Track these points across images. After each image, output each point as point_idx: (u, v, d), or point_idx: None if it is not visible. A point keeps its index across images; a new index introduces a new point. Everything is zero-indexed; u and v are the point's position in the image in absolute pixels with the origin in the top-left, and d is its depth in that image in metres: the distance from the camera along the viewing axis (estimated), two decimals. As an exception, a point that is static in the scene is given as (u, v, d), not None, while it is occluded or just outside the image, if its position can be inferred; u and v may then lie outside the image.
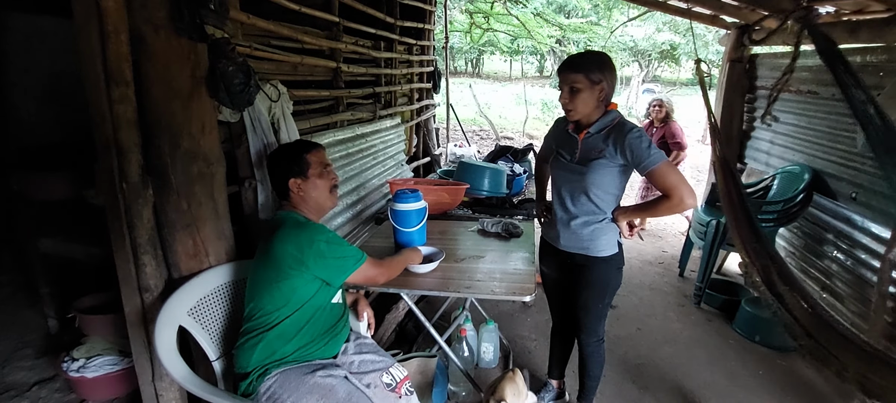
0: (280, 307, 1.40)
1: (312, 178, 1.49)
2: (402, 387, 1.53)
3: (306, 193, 1.49)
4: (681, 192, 1.55)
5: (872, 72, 2.52)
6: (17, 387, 2.20)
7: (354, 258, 1.46)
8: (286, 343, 1.41)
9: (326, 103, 2.58)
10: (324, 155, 1.56)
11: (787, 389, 2.36)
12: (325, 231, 1.44)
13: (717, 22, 3.54)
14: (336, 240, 1.45)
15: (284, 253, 1.37)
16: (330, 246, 1.41)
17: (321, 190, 1.51)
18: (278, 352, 1.40)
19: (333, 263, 1.42)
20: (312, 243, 1.38)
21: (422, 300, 2.99)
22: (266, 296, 1.40)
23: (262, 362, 1.39)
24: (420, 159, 4.26)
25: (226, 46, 1.52)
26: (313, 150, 1.52)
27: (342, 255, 1.44)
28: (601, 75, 1.59)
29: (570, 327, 2.04)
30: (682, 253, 3.71)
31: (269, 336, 1.40)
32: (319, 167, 1.51)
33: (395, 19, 3.35)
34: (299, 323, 1.42)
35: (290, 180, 1.47)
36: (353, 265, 1.46)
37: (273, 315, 1.40)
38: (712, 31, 9.98)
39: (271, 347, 1.40)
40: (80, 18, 1.35)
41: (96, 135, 1.44)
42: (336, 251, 1.43)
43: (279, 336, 1.40)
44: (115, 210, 1.49)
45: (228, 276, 1.65)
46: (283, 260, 1.37)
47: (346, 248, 1.46)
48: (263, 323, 1.40)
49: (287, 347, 1.41)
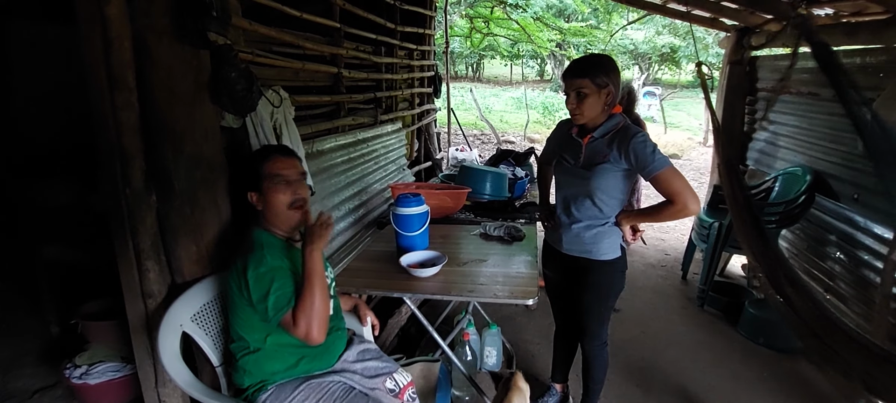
0: (250, 332, 1.35)
1: (266, 192, 1.35)
2: (405, 393, 1.52)
3: (265, 207, 1.36)
4: (685, 198, 1.55)
5: (871, 74, 2.52)
6: (19, 394, 2.19)
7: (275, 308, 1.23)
8: (275, 361, 1.37)
9: (328, 108, 2.59)
10: (284, 163, 1.38)
11: (792, 391, 2.34)
12: (263, 262, 1.25)
13: (716, 24, 3.56)
14: (266, 279, 1.24)
15: (231, 280, 1.32)
16: (256, 284, 1.24)
17: (276, 205, 1.35)
18: (270, 370, 1.38)
19: (256, 303, 1.25)
20: (245, 273, 1.26)
21: (424, 304, 2.99)
22: (236, 322, 1.36)
23: (256, 380, 1.38)
24: (421, 164, 4.27)
25: (228, 53, 1.53)
26: (271, 158, 1.37)
27: (263, 296, 1.23)
28: (607, 79, 1.58)
29: (573, 330, 2.03)
30: (684, 256, 3.70)
31: (256, 358, 1.36)
32: (273, 179, 1.34)
33: (395, 25, 3.37)
34: (280, 343, 1.36)
35: (249, 194, 1.36)
36: (273, 316, 1.24)
37: (250, 340, 1.36)
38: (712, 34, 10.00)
39: (261, 366, 1.37)
40: (83, 25, 1.36)
41: (99, 142, 1.45)
42: (259, 290, 1.24)
43: (266, 357, 1.36)
44: (119, 216, 1.49)
45: (231, 282, 1.64)
46: (231, 289, 1.32)
47: (273, 294, 1.23)
48: (245, 348, 1.37)
49: (277, 365, 1.38)
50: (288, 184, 1.37)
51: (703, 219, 3.26)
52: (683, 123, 13.14)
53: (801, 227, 3.01)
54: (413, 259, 1.86)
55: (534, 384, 2.36)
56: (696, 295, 3.25)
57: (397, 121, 3.49)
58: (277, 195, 1.35)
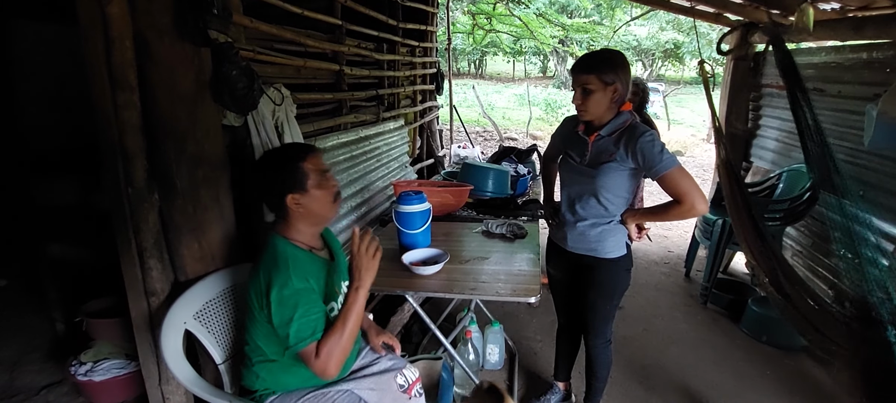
0: (268, 344, 1.31)
1: (311, 190, 1.28)
2: (413, 389, 1.52)
3: (306, 208, 1.28)
4: (693, 198, 1.52)
5: (878, 69, 2.50)
6: (25, 391, 2.21)
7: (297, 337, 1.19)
8: (289, 373, 1.36)
9: (330, 106, 2.58)
10: (321, 159, 1.33)
11: (795, 389, 2.34)
12: (288, 283, 1.20)
13: (720, 20, 3.52)
14: (289, 303, 1.19)
15: (252, 291, 1.27)
16: (278, 307, 1.19)
17: (323, 202, 1.30)
18: (282, 380, 1.37)
19: (277, 326, 1.20)
20: (269, 291, 1.20)
21: (427, 302, 2.99)
22: (254, 331, 1.33)
23: (266, 386, 1.37)
24: (424, 161, 4.26)
25: (229, 51, 1.53)
26: (308, 156, 1.30)
27: (285, 322, 1.19)
28: (614, 76, 1.54)
29: (576, 328, 2.03)
30: (687, 253, 3.69)
31: (271, 366, 1.35)
32: (317, 176, 1.29)
33: (397, 22, 3.36)
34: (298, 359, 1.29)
35: (288, 197, 1.26)
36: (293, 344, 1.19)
37: (267, 350, 1.33)
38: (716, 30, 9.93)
39: (274, 375, 1.36)
40: (85, 25, 1.36)
41: (102, 141, 1.46)
42: (281, 314, 1.19)
43: (281, 368, 1.35)
44: (121, 214, 1.50)
45: (234, 280, 1.65)
46: (252, 300, 1.28)
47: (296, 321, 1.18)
48: (261, 356, 1.35)
49: (290, 378, 1.37)
50: (328, 177, 1.33)
51: (707, 217, 3.24)
52: (687, 120, 13.08)
53: (805, 224, 3.00)
54: (415, 256, 1.86)
55: (536, 382, 2.36)
56: (699, 293, 3.24)
57: (399, 118, 3.49)
58: (323, 190, 1.30)
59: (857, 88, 2.62)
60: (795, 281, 1.86)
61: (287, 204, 1.27)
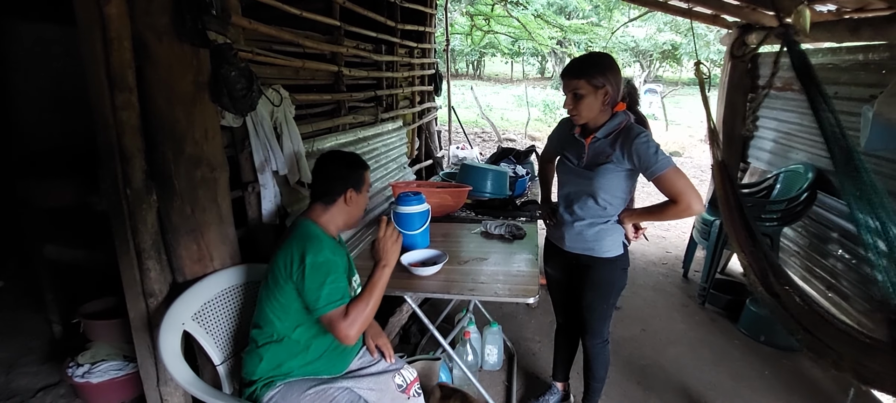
0: (282, 319, 1.37)
1: (363, 194, 1.51)
2: (411, 389, 1.54)
3: (353, 206, 1.48)
4: (689, 198, 1.54)
5: (874, 70, 2.52)
6: (21, 393, 2.20)
7: (328, 299, 1.30)
8: (293, 357, 1.40)
9: (328, 107, 2.58)
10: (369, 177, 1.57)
11: (793, 389, 2.34)
12: (321, 252, 1.33)
13: (718, 21, 3.54)
14: (323, 270, 1.31)
15: (281, 262, 1.34)
16: (312, 271, 1.30)
17: (361, 208, 1.52)
18: (285, 366, 1.39)
19: (308, 291, 1.30)
20: (303, 258, 1.31)
21: (425, 302, 2.99)
22: (267, 306, 1.38)
23: (267, 373, 1.39)
24: (422, 162, 4.26)
25: (228, 52, 1.53)
26: (368, 170, 1.54)
27: (318, 286, 1.30)
28: (604, 79, 1.56)
29: (574, 328, 2.03)
30: (685, 254, 3.69)
31: (276, 348, 1.38)
32: (367, 188, 1.54)
33: (395, 22, 3.36)
34: (305, 337, 1.40)
35: (349, 190, 1.45)
36: (323, 306, 1.30)
37: (278, 326, 1.38)
38: (714, 31, 9.97)
39: (278, 359, 1.39)
40: (83, 25, 1.36)
41: (100, 141, 1.45)
42: (315, 278, 1.30)
43: (286, 350, 1.39)
44: (119, 215, 1.50)
45: (232, 281, 1.65)
46: (279, 271, 1.34)
47: (328, 285, 1.30)
48: (270, 334, 1.39)
49: (293, 361, 1.40)
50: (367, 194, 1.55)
51: (705, 217, 3.25)
52: (685, 121, 13.11)
53: (803, 225, 3.01)
54: (414, 257, 1.86)
55: (535, 382, 2.36)
56: (697, 293, 3.25)
57: (398, 119, 3.49)
58: (364, 200, 1.52)
59: (854, 90, 2.63)
60: (786, 282, 1.87)
61: (345, 195, 1.45)
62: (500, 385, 2.35)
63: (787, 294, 1.82)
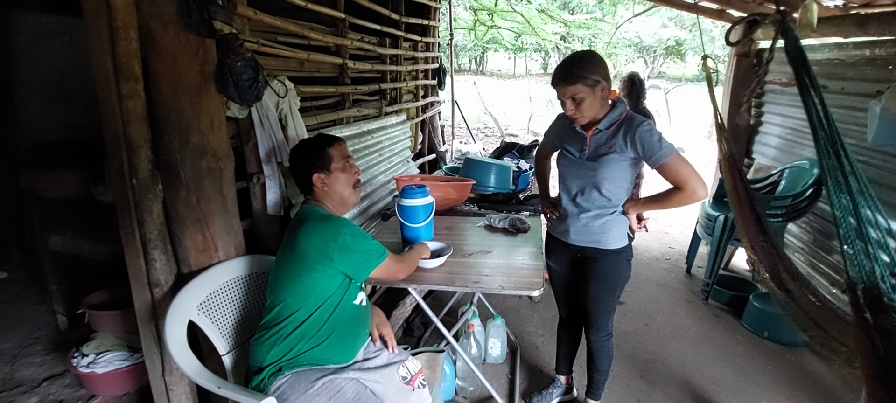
0: (301, 302, 1.39)
1: (335, 172, 1.49)
2: (416, 380, 1.54)
3: (330, 187, 1.49)
4: (693, 184, 1.56)
5: (881, 66, 2.50)
6: (27, 383, 2.22)
7: (378, 252, 1.46)
8: (304, 342, 1.40)
9: (333, 100, 2.58)
10: (345, 148, 1.55)
11: (796, 384, 2.34)
12: (349, 224, 1.44)
13: (723, 16, 3.52)
14: (360, 234, 1.44)
15: (309, 246, 1.37)
16: (355, 240, 1.41)
17: (344, 184, 1.51)
18: (295, 351, 1.39)
19: (358, 257, 1.41)
20: (338, 236, 1.38)
21: (429, 295, 3.00)
22: (287, 290, 1.39)
23: (277, 359, 1.39)
24: (425, 156, 4.25)
25: (234, 42, 1.52)
26: (335, 144, 1.52)
27: (366, 249, 1.44)
28: (596, 75, 1.56)
29: (578, 322, 2.03)
30: (689, 249, 3.69)
31: (288, 333, 1.38)
32: (341, 161, 1.51)
33: (400, 16, 3.35)
34: (319, 323, 1.41)
35: (314, 174, 1.47)
36: (377, 259, 1.46)
37: (294, 310, 1.38)
38: (719, 26, 9.91)
39: (289, 345, 1.39)
40: (89, 15, 1.36)
41: (106, 131, 1.45)
42: (361, 244, 1.42)
43: (299, 336, 1.39)
44: (125, 205, 1.50)
45: (237, 271, 1.65)
46: (308, 254, 1.37)
47: (370, 243, 1.46)
48: (284, 320, 1.39)
49: (304, 346, 1.40)
50: (351, 164, 1.55)
51: (709, 213, 3.24)
52: (688, 117, 13.06)
53: (808, 221, 3.00)
54: (418, 250, 1.86)
55: (538, 376, 2.37)
56: (700, 289, 3.24)
57: (402, 112, 3.48)
58: (346, 174, 1.52)
59: (860, 85, 2.62)
60: (797, 277, 1.86)
61: (313, 181, 1.48)
62: (504, 379, 2.35)
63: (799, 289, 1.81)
